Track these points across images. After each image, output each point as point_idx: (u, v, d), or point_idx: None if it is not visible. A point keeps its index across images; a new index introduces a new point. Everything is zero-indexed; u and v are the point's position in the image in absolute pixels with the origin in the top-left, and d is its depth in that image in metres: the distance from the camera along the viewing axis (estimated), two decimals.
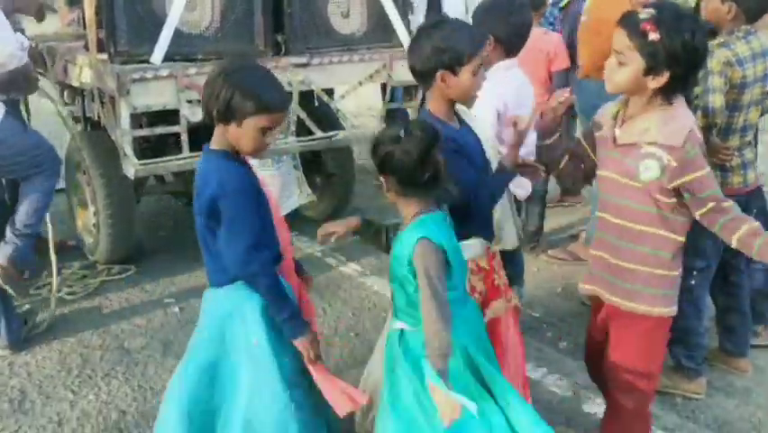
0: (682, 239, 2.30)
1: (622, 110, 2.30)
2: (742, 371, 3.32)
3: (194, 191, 2.26)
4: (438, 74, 2.31)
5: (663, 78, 2.14)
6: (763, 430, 2.97)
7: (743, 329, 3.30)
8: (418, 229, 2.08)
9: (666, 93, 2.19)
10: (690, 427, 2.94)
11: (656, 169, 2.17)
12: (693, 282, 2.99)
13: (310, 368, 2.29)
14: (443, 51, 2.30)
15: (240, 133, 2.16)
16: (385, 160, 2.09)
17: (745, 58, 2.87)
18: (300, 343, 2.25)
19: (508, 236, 2.73)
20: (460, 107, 2.47)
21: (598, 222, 2.42)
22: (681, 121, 2.18)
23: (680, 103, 2.23)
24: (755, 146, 3.27)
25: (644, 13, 2.11)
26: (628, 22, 2.16)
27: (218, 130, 2.21)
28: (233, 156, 2.23)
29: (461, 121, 2.48)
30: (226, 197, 2.15)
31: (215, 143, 2.24)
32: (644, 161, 2.18)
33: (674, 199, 2.21)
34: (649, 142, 2.18)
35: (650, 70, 2.13)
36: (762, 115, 3.23)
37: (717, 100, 2.80)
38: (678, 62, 2.11)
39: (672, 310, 2.35)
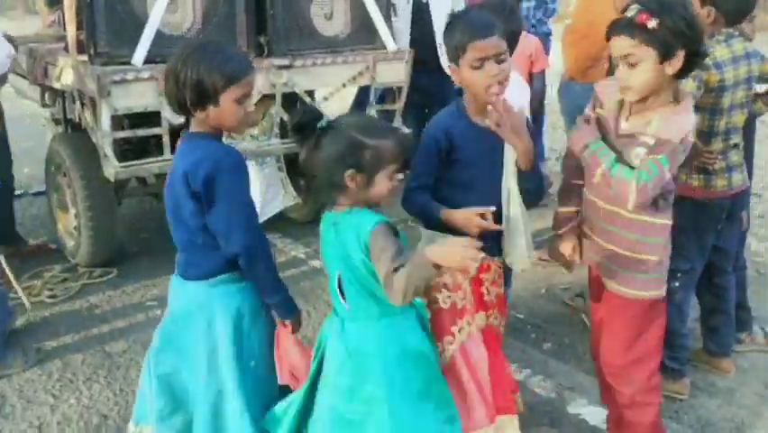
0: (670, 222, 2.35)
1: (627, 103, 2.32)
2: (725, 371, 3.34)
3: (176, 178, 2.20)
4: (449, 68, 2.37)
5: (680, 60, 2.15)
6: (745, 431, 2.98)
7: (726, 330, 3.32)
8: None
9: (680, 76, 2.22)
10: (673, 427, 2.95)
11: (644, 154, 2.21)
12: (677, 284, 3.00)
13: (286, 336, 2.30)
14: (446, 46, 2.36)
15: (219, 112, 2.14)
16: None
17: (724, 61, 2.87)
18: (291, 322, 2.29)
19: (517, 254, 2.46)
20: None
21: (589, 206, 2.44)
22: (681, 121, 2.20)
23: (687, 102, 2.26)
24: (749, 148, 3.29)
25: (631, 10, 2.15)
26: (620, 25, 2.18)
27: (197, 117, 2.18)
28: (219, 138, 2.23)
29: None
30: (224, 172, 2.13)
31: (196, 128, 2.22)
32: (635, 150, 2.22)
33: None
34: (647, 134, 2.22)
35: (665, 57, 2.15)
36: (757, 116, 3.25)
37: None
38: (687, 37, 2.14)
39: (663, 291, 2.41)
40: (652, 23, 2.11)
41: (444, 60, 4.90)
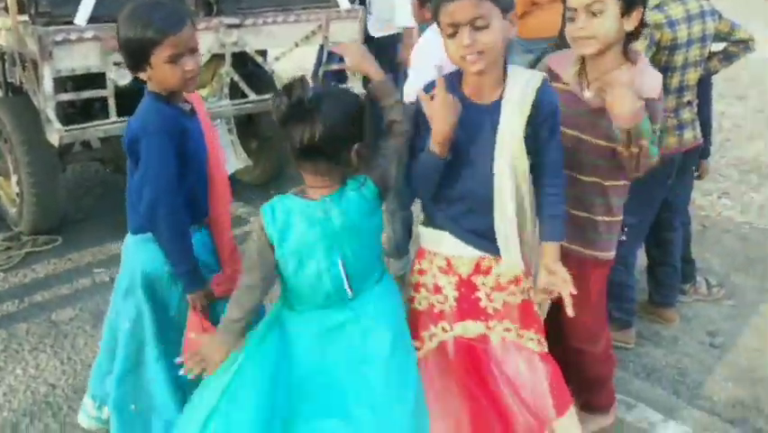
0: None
1: (582, 72, 2.27)
2: (669, 321, 3.44)
3: None
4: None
5: (637, 18, 2.14)
6: (688, 376, 3.09)
7: (672, 282, 3.42)
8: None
9: (631, 38, 2.20)
10: (620, 375, 3.02)
11: None
12: (624, 238, 3.05)
13: (191, 315, 2.28)
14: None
15: (157, 74, 2.10)
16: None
17: (678, 20, 2.90)
18: (190, 296, 2.25)
19: (509, 257, 2.06)
20: (516, 78, 2.00)
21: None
22: (651, 77, 2.20)
23: (643, 60, 2.24)
24: (707, 105, 3.35)
25: None
26: None
27: (144, 78, 2.17)
28: (164, 98, 2.17)
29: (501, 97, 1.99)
30: (145, 137, 2.10)
31: (149, 86, 2.19)
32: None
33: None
34: None
35: (626, 10, 2.12)
36: (713, 74, 3.29)
37: None
38: None
39: (614, 253, 2.44)
40: None
41: (399, 19, 4.84)
